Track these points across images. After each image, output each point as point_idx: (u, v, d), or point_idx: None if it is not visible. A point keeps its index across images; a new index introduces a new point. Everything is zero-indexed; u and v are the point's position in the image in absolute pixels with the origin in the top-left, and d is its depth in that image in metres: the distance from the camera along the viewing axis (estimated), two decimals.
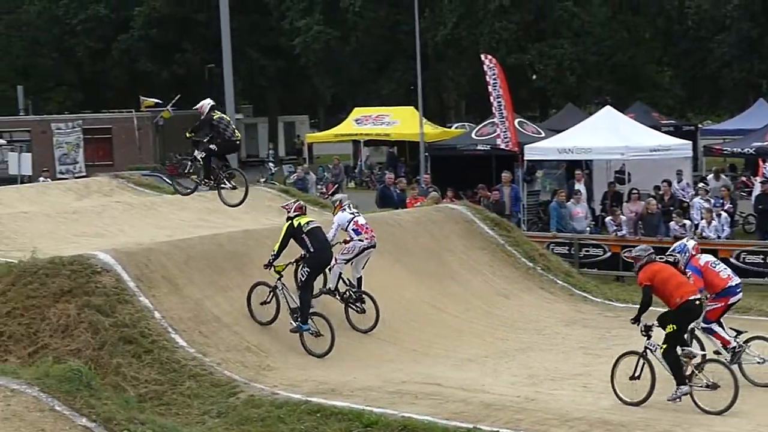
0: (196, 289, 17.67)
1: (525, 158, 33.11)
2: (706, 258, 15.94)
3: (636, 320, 14.72)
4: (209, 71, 70.33)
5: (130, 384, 15.56)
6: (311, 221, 17.95)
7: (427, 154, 42.07)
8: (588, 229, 28.10)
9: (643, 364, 14.71)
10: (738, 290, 15.77)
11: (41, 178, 39.15)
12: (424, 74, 51.65)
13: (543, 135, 35.93)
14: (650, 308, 14.67)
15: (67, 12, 75.00)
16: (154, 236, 20.35)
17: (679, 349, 14.54)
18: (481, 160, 36.06)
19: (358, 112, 56.29)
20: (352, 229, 18.23)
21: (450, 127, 60.44)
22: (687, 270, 15.58)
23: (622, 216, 27.15)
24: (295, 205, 18.02)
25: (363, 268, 18.46)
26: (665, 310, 14.83)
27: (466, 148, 38.33)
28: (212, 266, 18.28)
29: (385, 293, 18.91)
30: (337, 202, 18.79)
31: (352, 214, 18.54)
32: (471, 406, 14.60)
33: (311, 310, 17.23)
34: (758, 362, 15.37)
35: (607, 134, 31.75)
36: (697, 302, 14.67)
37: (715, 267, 15.84)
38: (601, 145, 31.41)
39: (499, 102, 34.00)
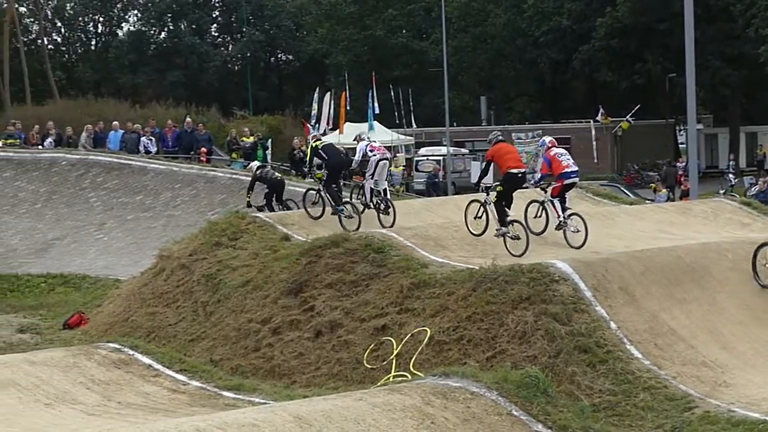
0: (652, 301, 17.50)
1: None
2: (556, 150, 20.94)
3: (477, 183, 21.80)
4: (670, 81, 69.58)
5: (584, 393, 15.63)
6: (324, 141, 25.08)
7: None
8: None
9: (484, 210, 20.79)
10: (573, 176, 20.93)
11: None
12: None
13: None
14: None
15: (531, 24, 76.52)
16: (612, 246, 20.34)
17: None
18: None
19: None
20: (369, 150, 23.84)
21: None
22: (542, 158, 21.13)
23: None
24: (311, 135, 26.60)
25: (384, 180, 24.09)
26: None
27: None
28: (669, 278, 18.03)
29: None
30: (357, 137, 24.89)
31: (368, 140, 24.47)
32: None
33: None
34: (573, 231, 20.55)
35: None
36: (519, 175, 20.36)
37: (560, 157, 20.83)
38: None
39: None
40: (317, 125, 50.42)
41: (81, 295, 28.20)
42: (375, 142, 24.93)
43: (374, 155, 23.79)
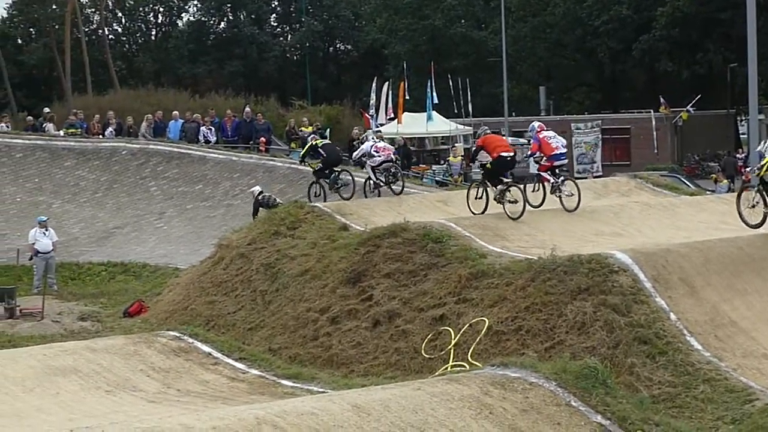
0: (713, 292, 17.36)
1: None
2: (546, 133, 22.53)
3: (472, 160, 25.17)
4: (731, 71, 68.87)
5: (644, 384, 15.56)
6: (324, 141, 27.44)
7: None
8: None
9: (483, 190, 22.50)
10: (561, 158, 22.58)
11: None
12: None
13: None
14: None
15: (590, 13, 75.98)
16: (672, 237, 20.19)
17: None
18: None
19: None
20: (374, 151, 25.50)
21: None
22: (532, 140, 22.80)
23: None
24: (310, 135, 28.70)
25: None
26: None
27: None
28: (731, 269, 17.86)
29: None
30: (363, 137, 27.44)
31: (373, 141, 26.30)
32: None
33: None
34: (567, 195, 22.16)
35: None
36: (508, 158, 22.32)
37: (549, 140, 22.40)
38: None
39: None
40: (376, 115, 50.36)
41: (141, 284, 28.47)
42: (380, 142, 26.64)
43: (379, 156, 25.54)
